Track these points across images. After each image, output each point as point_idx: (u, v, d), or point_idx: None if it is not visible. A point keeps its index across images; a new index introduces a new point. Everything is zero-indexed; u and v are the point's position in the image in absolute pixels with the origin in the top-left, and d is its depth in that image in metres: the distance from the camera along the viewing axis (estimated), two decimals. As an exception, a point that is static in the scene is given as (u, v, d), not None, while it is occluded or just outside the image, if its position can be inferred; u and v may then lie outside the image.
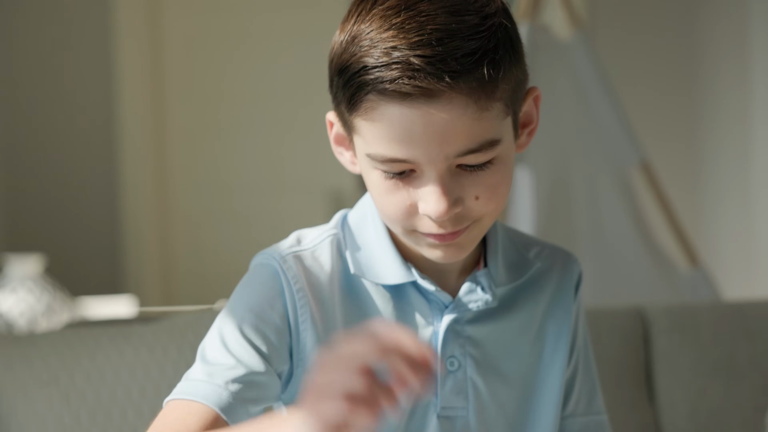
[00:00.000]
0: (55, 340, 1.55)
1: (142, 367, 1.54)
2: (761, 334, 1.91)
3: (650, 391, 1.89)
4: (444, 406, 1.15)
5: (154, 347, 1.56)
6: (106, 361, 1.53)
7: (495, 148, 1.05)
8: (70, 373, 1.51)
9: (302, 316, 1.13)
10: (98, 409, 1.50)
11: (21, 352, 1.52)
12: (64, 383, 1.50)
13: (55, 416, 1.48)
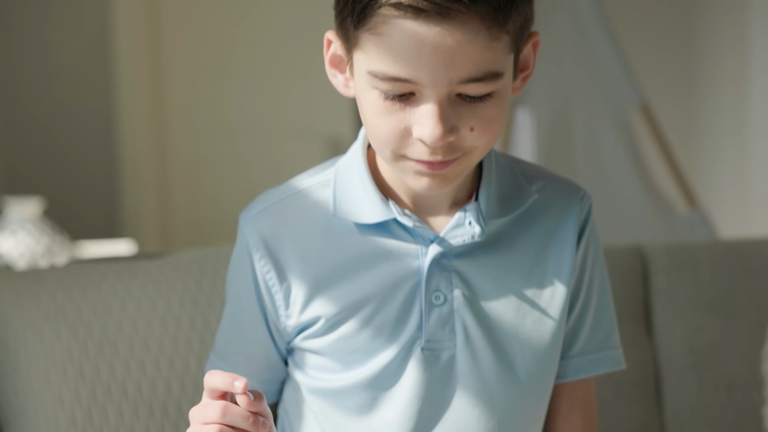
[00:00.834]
0: (61, 275, 1.56)
1: (148, 301, 1.55)
2: (759, 272, 1.92)
3: (649, 327, 1.91)
4: (429, 340, 1.16)
5: (160, 283, 1.57)
6: (112, 295, 1.55)
7: (497, 81, 1.06)
8: (77, 307, 1.53)
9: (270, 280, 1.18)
10: (105, 342, 1.52)
11: (28, 287, 1.53)
12: (72, 316, 1.52)
13: (63, 348, 1.50)
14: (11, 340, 1.50)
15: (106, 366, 1.51)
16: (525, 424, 1.20)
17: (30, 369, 1.49)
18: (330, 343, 1.18)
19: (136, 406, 1.50)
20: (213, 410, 1.01)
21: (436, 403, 1.18)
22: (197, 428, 1.02)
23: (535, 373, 1.20)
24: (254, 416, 1.01)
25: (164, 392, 1.52)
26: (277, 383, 1.25)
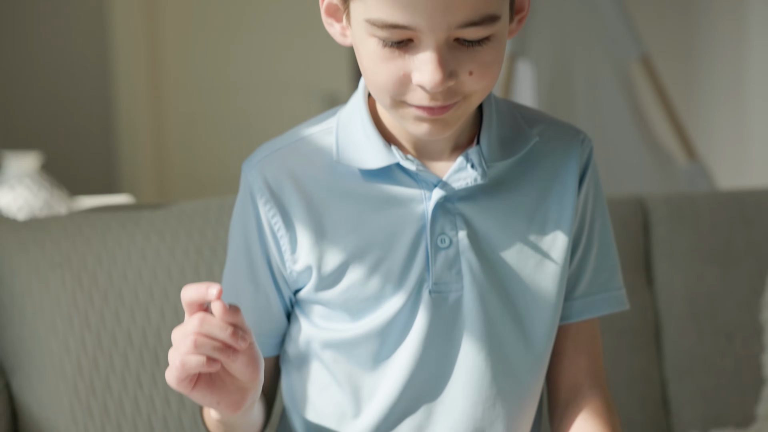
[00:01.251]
0: (65, 224, 1.56)
1: (152, 250, 1.56)
2: (758, 221, 1.93)
3: (649, 276, 1.92)
4: (436, 282, 1.17)
5: (163, 232, 1.58)
6: (116, 244, 1.55)
7: (494, 25, 1.06)
8: (81, 256, 1.53)
9: (275, 225, 1.18)
10: (110, 291, 1.52)
11: (33, 236, 1.54)
12: (76, 265, 1.52)
13: (68, 296, 1.51)
14: (16, 289, 1.51)
15: (111, 314, 1.51)
16: (531, 365, 1.22)
17: (35, 317, 1.50)
18: (340, 293, 1.19)
19: (141, 354, 1.51)
20: (190, 323, 1.00)
21: (445, 346, 1.19)
22: (176, 344, 1.01)
23: (539, 314, 1.21)
24: (233, 328, 1.00)
25: (168, 340, 1.53)
26: (277, 336, 1.26)
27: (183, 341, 1.00)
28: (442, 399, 1.20)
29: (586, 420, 1.23)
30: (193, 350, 0.99)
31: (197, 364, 0.99)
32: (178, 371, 1.00)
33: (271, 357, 1.27)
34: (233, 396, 1.05)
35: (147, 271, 1.55)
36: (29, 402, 1.49)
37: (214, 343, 1.00)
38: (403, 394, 1.19)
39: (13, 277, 1.51)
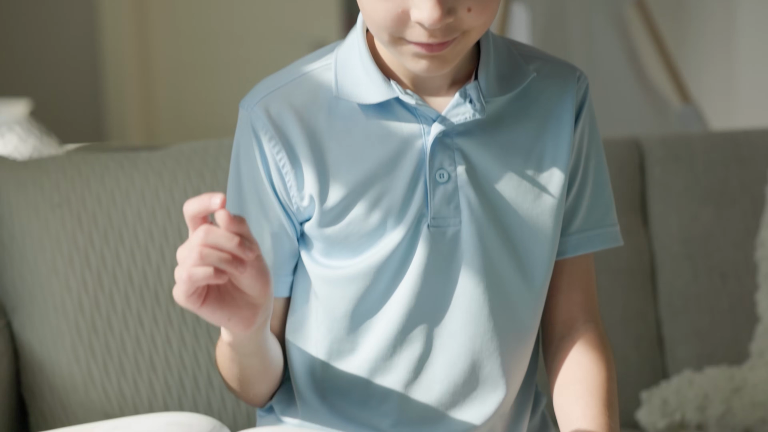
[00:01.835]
0: (63, 165, 1.56)
1: (152, 191, 1.56)
2: (752, 161, 1.94)
3: (644, 217, 1.93)
4: (435, 217, 1.18)
5: (162, 173, 1.58)
6: (115, 185, 1.56)
7: None
8: (80, 196, 1.53)
9: (281, 161, 1.18)
10: (110, 231, 1.53)
11: (31, 175, 1.54)
12: (75, 205, 1.52)
13: (68, 236, 1.51)
14: (16, 229, 1.51)
15: (111, 254, 1.52)
16: (529, 299, 1.23)
17: (36, 257, 1.50)
18: (342, 228, 1.19)
19: (141, 294, 1.52)
20: (195, 235, 0.98)
21: (443, 280, 1.20)
22: (181, 260, 0.98)
23: (536, 248, 1.22)
24: (239, 238, 0.98)
25: (169, 281, 1.54)
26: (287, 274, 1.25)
27: (189, 255, 0.98)
28: (440, 332, 1.21)
29: (581, 353, 1.24)
30: (200, 262, 0.97)
31: (204, 275, 0.97)
32: (185, 285, 0.98)
33: (286, 297, 1.26)
34: (244, 312, 1.03)
35: (146, 212, 1.55)
36: (31, 341, 1.50)
37: (221, 254, 0.97)
38: (401, 328, 1.20)
39: (12, 217, 1.51)
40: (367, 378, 1.22)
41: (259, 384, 1.23)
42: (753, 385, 1.76)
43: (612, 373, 1.23)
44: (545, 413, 1.34)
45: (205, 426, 0.98)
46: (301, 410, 1.25)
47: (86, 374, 1.49)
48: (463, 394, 1.22)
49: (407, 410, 1.21)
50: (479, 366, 1.21)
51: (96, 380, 1.49)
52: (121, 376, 1.50)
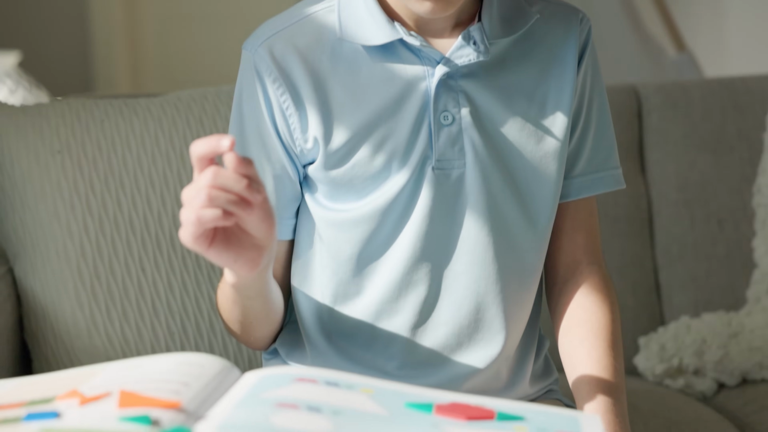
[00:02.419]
0: (63, 111, 1.56)
1: (151, 138, 1.56)
2: (749, 108, 1.95)
3: (642, 164, 1.94)
4: (439, 159, 1.18)
5: (162, 120, 1.58)
6: (115, 131, 1.55)
7: None
8: (80, 143, 1.53)
9: (284, 103, 1.18)
10: (110, 178, 1.52)
11: (31, 121, 1.53)
12: (76, 152, 1.52)
13: (69, 183, 1.51)
14: (17, 175, 1.51)
15: (112, 201, 1.52)
16: (533, 241, 1.23)
17: (37, 203, 1.50)
18: (346, 171, 1.19)
19: (143, 240, 1.52)
20: (203, 177, 0.96)
21: (448, 223, 1.20)
22: (188, 201, 0.97)
23: (540, 191, 1.22)
24: (247, 179, 0.96)
25: (170, 227, 1.54)
26: (290, 217, 1.25)
27: (196, 196, 0.96)
28: (445, 275, 1.21)
29: (585, 296, 1.25)
30: (208, 204, 0.95)
31: (213, 217, 0.96)
32: (194, 226, 0.96)
33: (289, 240, 1.27)
34: (250, 253, 1.03)
35: (146, 158, 1.55)
36: (33, 287, 1.50)
37: (229, 195, 0.96)
38: (407, 271, 1.21)
39: (12, 163, 1.51)
40: (372, 321, 1.22)
41: (261, 327, 1.23)
42: (750, 330, 1.77)
43: (616, 315, 1.24)
44: (548, 356, 1.35)
45: (217, 366, 0.98)
46: (310, 353, 1.25)
47: (89, 320, 1.49)
48: (468, 336, 1.22)
49: (413, 353, 1.22)
50: (484, 308, 1.22)
51: (99, 326, 1.49)
52: (124, 321, 1.50)
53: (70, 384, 0.94)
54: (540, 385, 1.31)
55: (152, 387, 0.89)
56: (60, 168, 1.50)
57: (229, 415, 0.87)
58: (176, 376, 0.93)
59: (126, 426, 0.82)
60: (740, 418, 1.62)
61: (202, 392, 0.91)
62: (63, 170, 1.51)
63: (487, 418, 0.93)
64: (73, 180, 1.50)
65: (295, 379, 0.97)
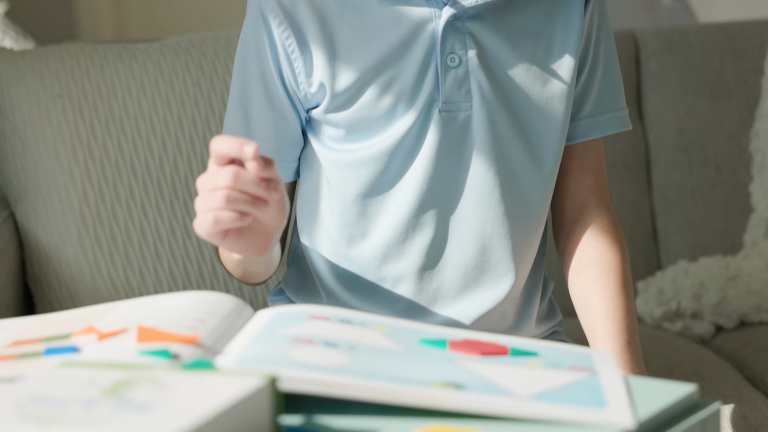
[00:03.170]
0: (62, 55, 1.55)
1: (152, 83, 1.55)
2: (747, 53, 1.95)
3: (640, 110, 1.94)
4: (446, 101, 1.18)
5: (161, 65, 1.57)
6: (115, 76, 1.54)
7: None
8: (80, 87, 1.52)
9: (290, 47, 1.17)
10: (111, 122, 1.52)
11: (30, 65, 1.52)
12: (76, 96, 1.51)
13: (70, 127, 1.50)
14: (18, 119, 1.50)
15: (114, 145, 1.51)
16: (539, 184, 1.23)
17: (39, 148, 1.49)
18: (352, 113, 1.19)
19: (145, 185, 1.52)
20: (222, 176, 0.97)
21: (454, 165, 1.20)
22: (204, 196, 0.99)
23: (547, 133, 1.22)
24: (265, 182, 0.98)
25: (172, 171, 1.54)
26: (297, 158, 1.25)
27: (214, 195, 0.97)
28: (451, 217, 1.22)
29: (595, 237, 1.25)
30: (225, 205, 0.97)
31: (230, 219, 0.97)
32: (210, 226, 0.98)
33: (290, 183, 1.27)
34: (261, 240, 1.04)
35: (147, 103, 1.54)
36: (36, 231, 1.50)
37: (247, 197, 0.97)
38: (413, 213, 1.21)
39: (13, 107, 1.50)
40: (379, 263, 1.23)
41: (263, 276, 1.24)
42: (747, 273, 1.79)
43: (626, 255, 1.24)
44: (552, 299, 1.35)
45: (230, 304, 0.98)
46: (317, 294, 1.26)
47: (93, 264, 1.49)
48: (475, 278, 1.23)
49: (419, 295, 1.23)
50: (490, 250, 1.22)
51: (102, 270, 1.49)
52: (128, 266, 1.50)
53: (86, 321, 0.94)
54: (545, 326, 1.32)
55: (169, 323, 0.90)
56: (61, 112, 1.50)
57: (247, 350, 0.87)
58: (191, 313, 0.94)
59: (146, 360, 0.82)
60: (738, 359, 1.63)
61: (218, 329, 0.92)
62: (64, 115, 1.50)
63: (501, 353, 0.94)
64: (74, 124, 1.50)
65: (309, 317, 0.98)
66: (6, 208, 1.52)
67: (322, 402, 0.84)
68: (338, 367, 0.84)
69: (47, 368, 0.76)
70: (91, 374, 0.74)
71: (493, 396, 0.82)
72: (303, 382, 0.80)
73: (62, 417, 0.66)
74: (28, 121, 1.49)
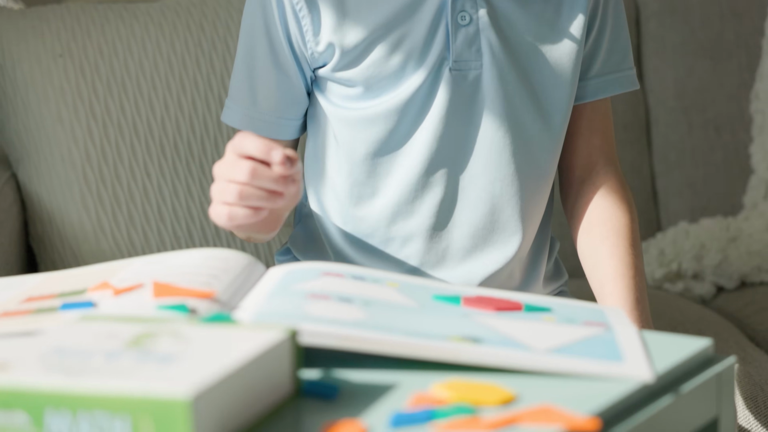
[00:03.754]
0: (62, 15, 1.53)
1: (152, 43, 1.54)
2: (748, 14, 1.94)
3: (640, 71, 1.93)
4: (456, 60, 1.17)
5: (162, 25, 1.56)
6: (116, 35, 1.53)
7: None
8: (81, 47, 1.51)
9: (297, 4, 1.16)
10: (113, 82, 1.51)
11: (31, 25, 1.51)
12: (77, 56, 1.50)
13: (72, 87, 1.49)
14: (19, 79, 1.49)
15: (115, 105, 1.50)
16: (548, 143, 1.23)
17: (41, 107, 1.48)
18: (361, 71, 1.18)
19: (147, 145, 1.51)
20: (239, 171, 0.95)
21: (464, 124, 1.20)
22: (221, 186, 0.97)
23: (556, 92, 1.22)
24: (284, 178, 0.96)
25: (174, 132, 1.53)
26: (301, 117, 1.25)
27: (228, 188, 0.96)
28: (461, 176, 1.21)
29: (603, 197, 1.25)
30: (239, 201, 0.96)
31: (244, 216, 0.97)
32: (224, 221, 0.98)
33: (293, 140, 1.26)
34: (272, 223, 1.05)
35: (148, 63, 1.53)
36: (38, 192, 1.49)
37: (262, 193, 0.96)
38: (423, 172, 1.21)
39: (15, 67, 1.49)
40: (388, 223, 1.23)
41: (268, 239, 1.24)
42: (748, 234, 1.79)
43: (634, 215, 1.25)
44: (559, 259, 1.35)
45: (242, 261, 0.98)
46: (326, 253, 1.26)
47: (96, 224, 1.49)
48: (484, 238, 1.23)
49: (428, 254, 1.23)
50: (499, 210, 1.22)
51: (106, 230, 1.49)
52: (131, 226, 1.50)
53: (99, 278, 0.94)
54: (552, 286, 1.32)
55: (184, 279, 0.90)
56: (62, 72, 1.49)
57: (263, 305, 0.87)
58: (205, 269, 0.93)
59: (164, 314, 0.82)
60: (740, 319, 1.64)
61: (232, 285, 0.92)
62: (65, 74, 1.49)
63: (516, 309, 0.94)
64: (75, 84, 1.49)
65: (322, 273, 0.97)
66: (8, 168, 1.51)
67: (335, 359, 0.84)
68: (356, 321, 0.84)
69: (66, 322, 0.76)
70: (111, 327, 0.74)
71: (511, 350, 0.82)
72: (322, 336, 0.80)
73: (86, 368, 0.66)
74: (29, 80, 1.48)
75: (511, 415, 0.72)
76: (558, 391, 0.78)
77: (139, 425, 0.63)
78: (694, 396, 0.83)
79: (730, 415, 0.88)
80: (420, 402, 0.75)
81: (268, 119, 1.22)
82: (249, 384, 0.69)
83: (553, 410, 0.73)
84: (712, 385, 0.85)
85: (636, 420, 0.76)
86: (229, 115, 1.24)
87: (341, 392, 0.78)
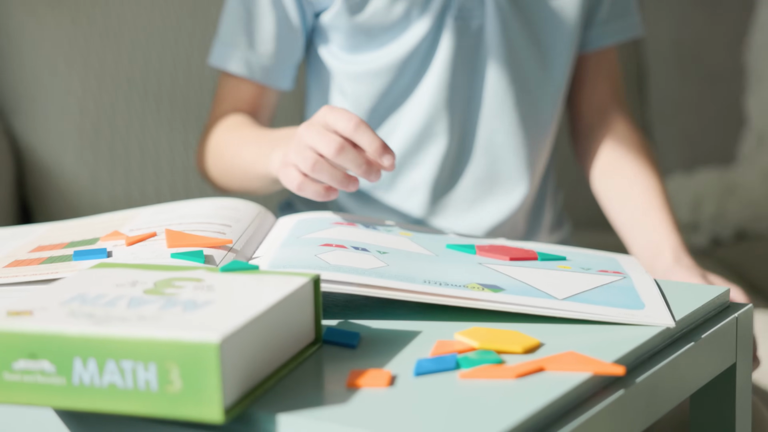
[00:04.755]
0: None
1: (146, -8, 1.52)
2: (744, -35, 1.93)
3: (635, 22, 1.92)
4: (459, 8, 1.16)
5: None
6: (109, -16, 1.50)
7: None
8: (75, -4, 1.48)
9: None
10: (108, 34, 1.48)
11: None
12: (72, 5, 1.47)
13: (67, 37, 1.46)
14: (12, 30, 1.46)
15: (111, 55, 1.48)
16: (551, 91, 1.22)
17: (35, 58, 1.46)
18: (364, 20, 1.16)
19: (145, 95, 1.49)
20: (327, 143, 0.92)
21: (468, 74, 1.18)
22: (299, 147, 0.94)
23: (559, 41, 1.21)
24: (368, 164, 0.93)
25: (169, 83, 1.51)
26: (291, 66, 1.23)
27: (306, 155, 0.93)
28: (465, 127, 1.20)
29: (618, 140, 1.25)
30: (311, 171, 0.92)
31: (313, 193, 0.94)
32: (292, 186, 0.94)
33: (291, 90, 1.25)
34: None
35: (143, 14, 1.50)
36: (34, 144, 1.46)
37: (337, 174, 0.93)
38: (427, 123, 1.19)
39: (8, 17, 1.46)
40: (393, 174, 1.21)
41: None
42: (743, 185, 1.79)
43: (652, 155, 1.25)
44: (562, 209, 1.35)
45: (252, 210, 0.97)
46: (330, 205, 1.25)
47: (93, 176, 1.47)
48: (488, 188, 1.22)
49: (433, 205, 1.22)
50: (502, 160, 1.21)
51: (104, 182, 1.47)
52: (129, 178, 1.48)
53: (109, 227, 0.92)
54: (556, 236, 1.32)
55: (196, 228, 0.88)
56: (56, 23, 1.46)
57: (277, 254, 0.86)
58: (216, 218, 0.92)
59: (181, 262, 0.81)
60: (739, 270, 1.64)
61: (245, 234, 0.91)
62: (59, 25, 1.46)
63: (530, 258, 0.93)
64: (71, 35, 1.46)
65: (333, 223, 0.97)
66: (1, 120, 1.49)
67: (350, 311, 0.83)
68: (374, 269, 0.83)
69: (82, 270, 0.75)
70: (129, 274, 0.73)
71: (532, 297, 0.81)
72: (344, 283, 0.79)
73: (111, 315, 0.65)
74: (22, 30, 1.46)
75: (538, 363, 0.71)
76: (580, 338, 0.78)
77: (165, 372, 0.62)
78: (714, 342, 0.83)
79: (748, 363, 0.88)
80: (443, 350, 0.74)
81: (266, 64, 1.20)
82: (273, 329, 0.68)
83: (579, 356, 0.72)
84: (731, 332, 0.85)
85: (657, 365, 0.76)
86: (221, 58, 1.21)
87: (362, 341, 0.77)
